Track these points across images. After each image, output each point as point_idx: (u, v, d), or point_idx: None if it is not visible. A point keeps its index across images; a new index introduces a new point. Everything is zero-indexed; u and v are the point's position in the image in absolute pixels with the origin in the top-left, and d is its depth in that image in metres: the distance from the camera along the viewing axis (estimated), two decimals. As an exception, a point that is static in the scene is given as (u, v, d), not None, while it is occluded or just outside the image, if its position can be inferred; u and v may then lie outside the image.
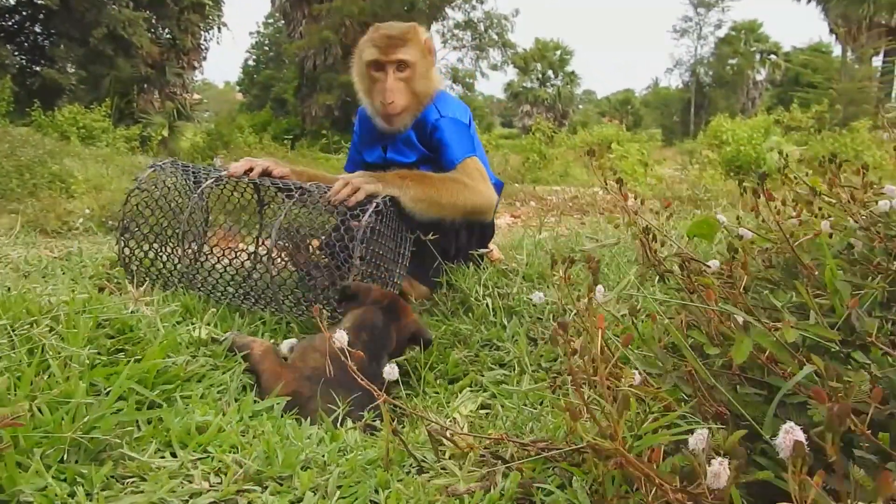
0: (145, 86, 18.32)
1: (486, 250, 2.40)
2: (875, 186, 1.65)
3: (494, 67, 29.34)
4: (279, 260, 2.10)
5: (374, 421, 1.49)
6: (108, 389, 1.23)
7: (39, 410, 1.09)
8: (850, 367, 1.08)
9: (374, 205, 1.96)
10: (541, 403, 1.50)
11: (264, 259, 2.24)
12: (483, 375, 1.73)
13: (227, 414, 1.34)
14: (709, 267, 1.39)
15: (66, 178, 7.15)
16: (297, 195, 2.04)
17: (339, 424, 1.42)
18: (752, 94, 38.87)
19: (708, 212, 4.06)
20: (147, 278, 2.06)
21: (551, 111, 38.22)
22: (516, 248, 2.67)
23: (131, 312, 1.53)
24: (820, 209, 1.60)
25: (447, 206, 2.14)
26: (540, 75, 40.17)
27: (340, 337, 1.10)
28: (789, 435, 0.58)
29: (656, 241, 1.56)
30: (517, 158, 15.63)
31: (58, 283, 1.95)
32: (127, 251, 2.04)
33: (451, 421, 1.47)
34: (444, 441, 1.28)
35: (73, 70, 17.07)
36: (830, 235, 1.49)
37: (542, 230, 2.81)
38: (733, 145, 14.31)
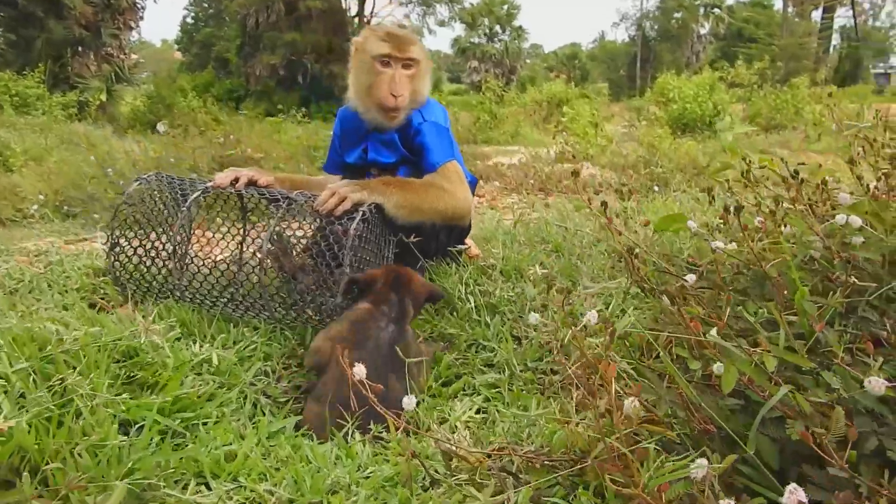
0: (80, 48, 17.46)
1: (464, 247, 2.50)
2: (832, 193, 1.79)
3: (442, 23, 29.02)
4: (268, 264, 2.15)
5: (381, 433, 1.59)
6: (137, 425, 1.30)
7: (80, 455, 1.15)
8: (818, 384, 1.23)
9: (361, 213, 2.03)
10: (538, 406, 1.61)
11: (253, 266, 2.29)
12: (475, 378, 1.85)
13: (246, 438, 1.42)
14: (686, 281, 1.50)
15: (3, 151, 6.91)
16: (284, 205, 2.09)
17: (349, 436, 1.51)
18: (697, 47, 39.44)
19: (666, 189, 4.23)
20: (137, 290, 2.10)
21: (499, 66, 38.11)
22: (489, 240, 2.77)
23: (143, 341, 1.58)
24: (783, 218, 1.73)
25: (428, 212, 2.22)
26: (487, 30, 39.86)
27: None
28: (793, 496, 0.69)
29: (637, 259, 1.67)
30: (468, 117, 15.60)
31: (49, 302, 1.97)
32: (117, 265, 2.07)
33: (452, 431, 1.58)
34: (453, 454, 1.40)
35: (0, 33, 16.17)
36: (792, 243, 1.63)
37: (516, 224, 2.91)
38: (679, 103, 14.59)
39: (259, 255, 2.10)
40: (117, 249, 2.08)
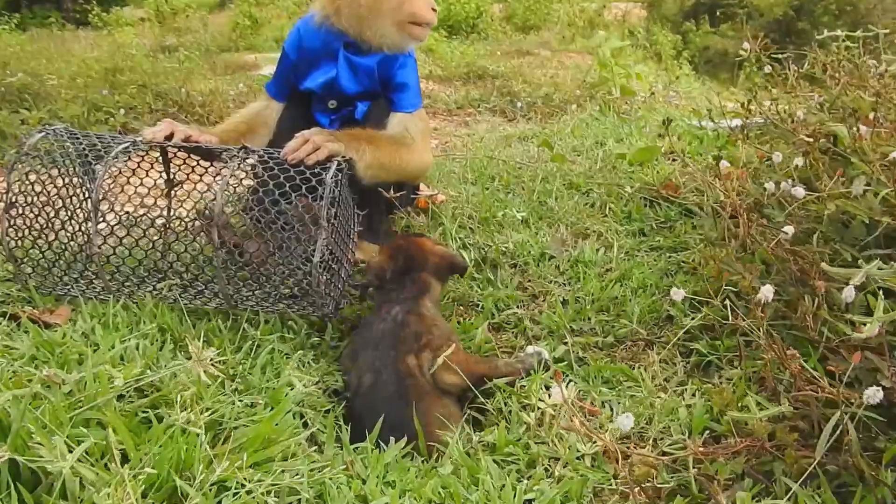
0: None
1: (433, 193, 2.24)
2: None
3: None
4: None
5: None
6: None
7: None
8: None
9: (336, 163, 1.68)
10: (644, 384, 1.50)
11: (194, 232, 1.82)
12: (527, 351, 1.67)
13: (368, 481, 1.13)
14: (786, 233, 1.45)
15: None
16: (240, 155, 1.66)
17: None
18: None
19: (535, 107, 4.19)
20: (36, 270, 1.57)
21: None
22: (442, 181, 2.52)
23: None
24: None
25: (395, 172, 1.94)
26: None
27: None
28: None
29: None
30: (222, 21, 14.07)
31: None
32: (12, 233, 1.52)
33: (545, 420, 1.41)
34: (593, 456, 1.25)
35: None
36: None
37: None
38: (444, 4, 14.56)
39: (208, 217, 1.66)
40: (14, 212, 1.52)
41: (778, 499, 1.12)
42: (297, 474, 1.07)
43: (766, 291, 1.17)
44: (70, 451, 0.93)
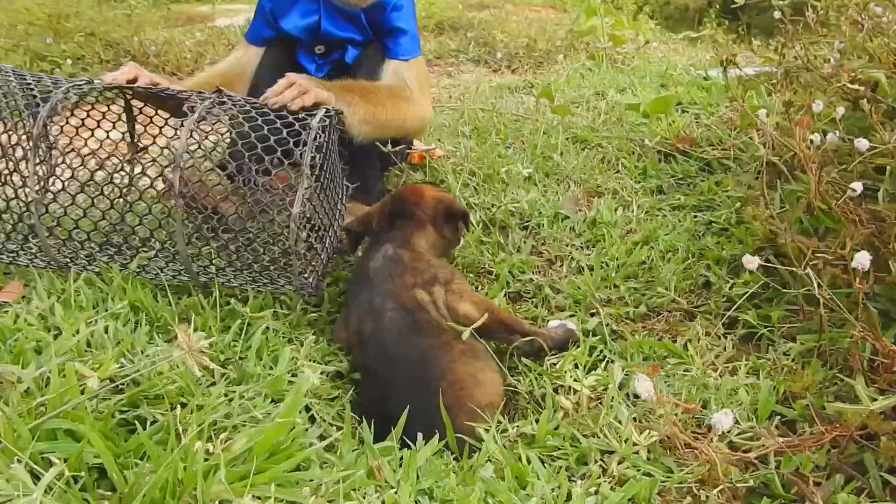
0: None
1: (429, 147, 2.02)
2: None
3: None
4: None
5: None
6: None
7: None
8: None
9: (324, 110, 1.45)
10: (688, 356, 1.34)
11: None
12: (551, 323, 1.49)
13: (400, 491, 0.94)
14: (854, 190, 1.28)
15: None
16: (214, 97, 1.42)
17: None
18: None
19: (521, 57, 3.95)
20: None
21: None
22: (434, 134, 2.30)
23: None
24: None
25: (393, 129, 1.71)
26: None
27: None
28: None
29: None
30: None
31: None
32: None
33: (583, 403, 1.24)
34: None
35: None
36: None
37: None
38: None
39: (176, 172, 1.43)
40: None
41: (874, 495, 0.97)
42: (318, 487, 0.88)
43: (862, 258, 1.00)
44: (36, 481, 0.71)
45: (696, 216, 1.81)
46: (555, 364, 1.35)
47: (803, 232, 1.49)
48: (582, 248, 1.74)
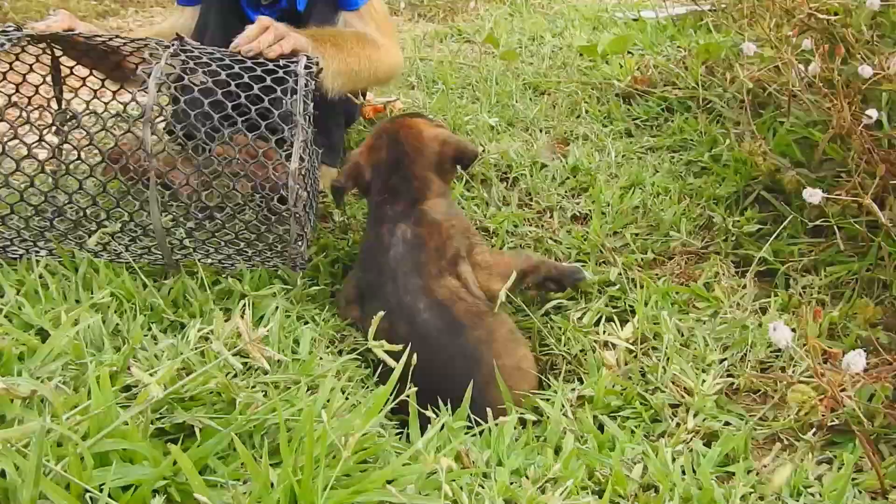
0: None
1: (390, 100, 1.86)
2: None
3: None
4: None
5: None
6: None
7: None
8: None
9: (305, 57, 1.29)
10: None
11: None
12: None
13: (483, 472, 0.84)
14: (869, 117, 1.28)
15: None
16: (173, 46, 1.21)
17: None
18: None
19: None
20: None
21: None
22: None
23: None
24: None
25: (364, 79, 1.55)
26: None
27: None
28: None
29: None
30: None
31: None
32: None
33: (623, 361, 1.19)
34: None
35: None
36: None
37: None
38: None
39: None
40: None
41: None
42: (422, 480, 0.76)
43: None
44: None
45: (672, 157, 1.79)
46: (580, 318, 1.29)
47: (796, 164, 1.50)
48: (570, 196, 1.67)
